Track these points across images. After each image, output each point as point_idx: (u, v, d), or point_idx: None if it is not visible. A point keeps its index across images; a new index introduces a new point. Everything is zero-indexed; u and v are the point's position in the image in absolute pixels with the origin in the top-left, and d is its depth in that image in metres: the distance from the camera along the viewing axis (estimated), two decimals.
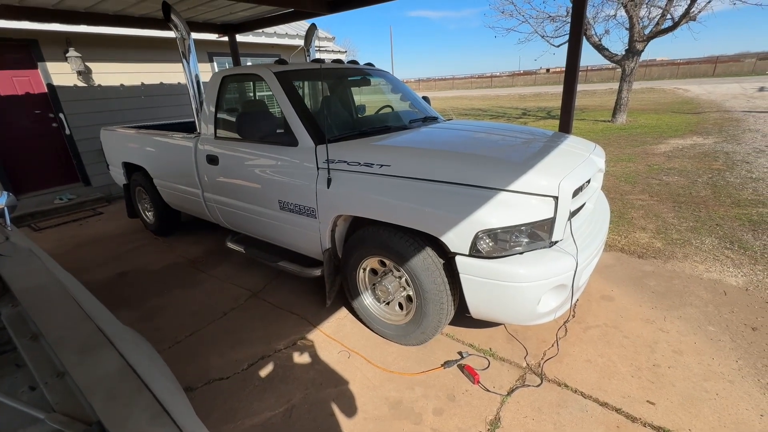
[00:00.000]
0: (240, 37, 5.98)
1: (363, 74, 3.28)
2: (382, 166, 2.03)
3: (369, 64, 3.42)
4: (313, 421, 1.77)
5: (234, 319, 2.60)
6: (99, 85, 5.76)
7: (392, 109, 3.21)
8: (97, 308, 1.08)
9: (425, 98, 3.54)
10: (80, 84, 5.56)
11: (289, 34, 7.80)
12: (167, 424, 0.66)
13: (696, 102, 14.42)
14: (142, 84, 6.24)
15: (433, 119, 3.08)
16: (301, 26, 8.25)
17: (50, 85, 5.31)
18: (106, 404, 0.70)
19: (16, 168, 5.28)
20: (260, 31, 6.90)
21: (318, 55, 7.32)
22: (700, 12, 9.31)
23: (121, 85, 6.00)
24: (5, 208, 1.61)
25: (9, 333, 0.99)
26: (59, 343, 0.87)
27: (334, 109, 3.03)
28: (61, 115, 5.47)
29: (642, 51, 10.13)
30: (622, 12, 10.16)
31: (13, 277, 1.17)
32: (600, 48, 10.51)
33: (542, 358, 2.08)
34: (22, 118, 5.26)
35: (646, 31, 9.96)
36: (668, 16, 9.62)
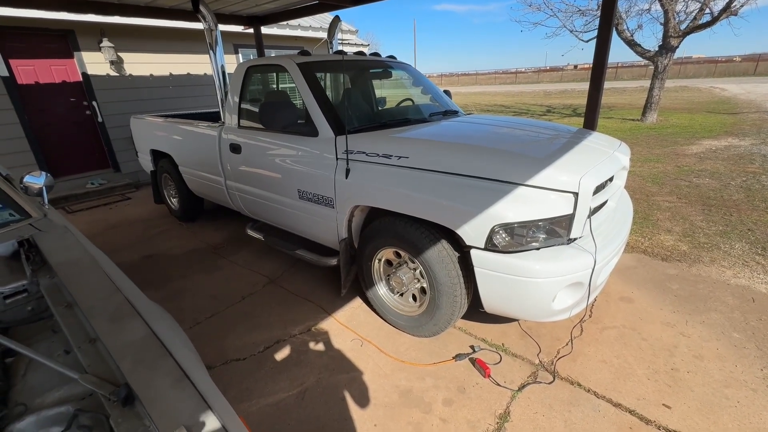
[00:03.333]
0: (265, 29, 6.06)
1: (384, 67, 3.28)
2: (400, 157, 2.04)
3: (391, 56, 3.41)
4: (324, 404, 1.81)
5: (252, 304, 2.68)
6: (130, 75, 5.97)
7: (413, 102, 3.20)
8: (125, 282, 1.14)
9: (446, 92, 3.52)
10: (112, 73, 5.78)
11: (313, 26, 7.85)
12: (188, 388, 0.70)
13: (733, 102, 13.71)
14: (170, 74, 6.43)
15: (454, 113, 3.06)
16: (325, 19, 8.29)
17: (85, 74, 5.54)
18: (133, 368, 0.75)
19: (52, 152, 5.55)
20: (284, 23, 6.97)
21: (341, 48, 7.34)
22: (742, 6, 8.82)
23: (151, 75, 6.20)
24: (43, 188, 1.71)
25: (47, 302, 1.06)
26: (91, 312, 0.94)
27: (355, 100, 3.05)
28: (94, 103, 5.70)
29: (677, 47, 9.69)
30: (657, 6, 9.74)
31: (50, 251, 1.25)
32: (632, 44, 10.11)
33: (556, 356, 2.06)
34: (59, 106, 5.51)
35: (682, 26, 9.51)
36: (707, 11, 9.15)
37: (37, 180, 1.74)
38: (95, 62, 5.59)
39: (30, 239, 1.36)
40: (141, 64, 6.06)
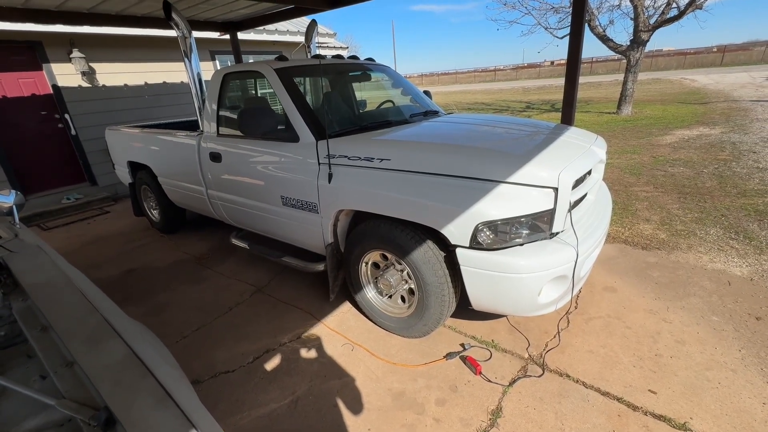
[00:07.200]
0: (241, 35, 5.99)
1: (363, 69, 3.28)
2: (382, 160, 2.04)
3: (369, 59, 3.42)
4: (317, 412, 1.80)
5: (239, 314, 2.64)
6: (103, 86, 5.82)
7: (393, 103, 3.21)
8: (103, 301, 1.11)
9: (426, 92, 3.54)
10: (85, 84, 5.62)
11: (290, 30, 7.80)
12: (171, 408, 0.68)
13: (703, 92, 14.21)
14: (146, 83, 6.29)
15: (434, 113, 3.08)
16: (302, 23, 8.25)
17: (55, 86, 5.37)
18: (112, 390, 0.73)
19: (24, 169, 5.36)
20: (261, 28, 6.90)
21: (319, 52, 7.32)
22: (706, 0, 9.16)
23: (125, 85, 6.05)
24: (14, 206, 1.65)
25: (20, 326, 1.02)
26: (67, 335, 0.91)
27: (335, 104, 3.04)
28: (67, 116, 5.53)
29: (647, 41, 9.99)
30: (626, 2, 10.03)
31: (22, 273, 1.21)
32: (604, 39, 10.38)
33: (544, 349, 2.09)
34: (29, 120, 5.33)
35: (651, 21, 9.82)
36: (674, 5, 9.46)
37: (6, 199, 1.67)
38: (66, 74, 5.43)
39: (0, 261, 1.31)
40: (114, 74, 5.91)
